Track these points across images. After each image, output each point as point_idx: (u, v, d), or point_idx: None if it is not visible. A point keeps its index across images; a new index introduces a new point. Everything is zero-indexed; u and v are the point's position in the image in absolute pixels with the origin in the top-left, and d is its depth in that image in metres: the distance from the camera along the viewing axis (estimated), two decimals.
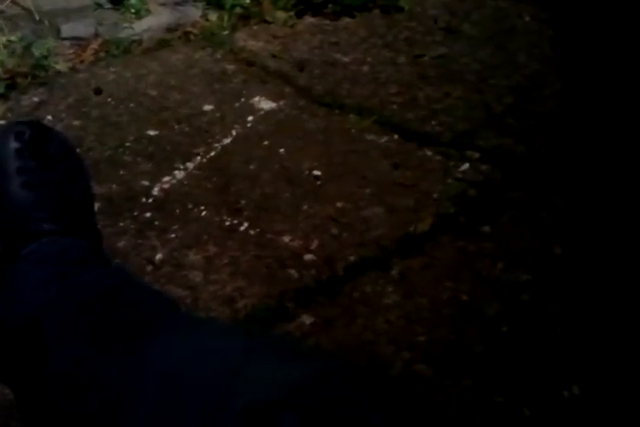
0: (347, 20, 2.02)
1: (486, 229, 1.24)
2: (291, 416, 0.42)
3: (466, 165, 1.41)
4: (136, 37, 1.92)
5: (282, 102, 1.66)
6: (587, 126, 1.50)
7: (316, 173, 1.42)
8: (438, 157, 1.45)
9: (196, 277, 1.14)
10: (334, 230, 1.27)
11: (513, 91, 1.65)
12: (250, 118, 1.60)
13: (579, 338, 1.04)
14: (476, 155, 1.44)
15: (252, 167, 1.43)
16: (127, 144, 1.50)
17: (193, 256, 1.18)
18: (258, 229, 1.25)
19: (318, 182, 1.40)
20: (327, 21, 2.02)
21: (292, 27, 1.99)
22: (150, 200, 1.32)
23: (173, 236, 1.23)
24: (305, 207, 1.32)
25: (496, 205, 1.29)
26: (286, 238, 1.24)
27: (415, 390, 0.40)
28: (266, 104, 1.66)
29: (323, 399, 0.43)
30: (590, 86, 1.63)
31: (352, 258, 1.20)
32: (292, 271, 1.17)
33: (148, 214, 1.29)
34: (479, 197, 1.32)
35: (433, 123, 1.56)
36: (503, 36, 1.90)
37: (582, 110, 1.55)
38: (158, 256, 1.18)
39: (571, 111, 1.53)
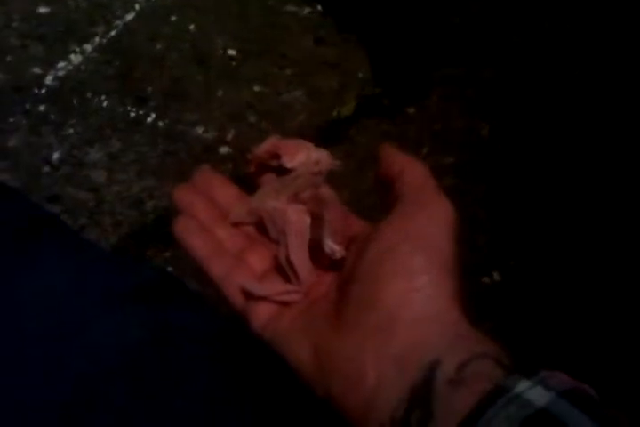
0: None
1: (411, 110, 1.16)
2: (121, 386, 0.40)
3: None
4: None
5: None
6: None
7: (231, 52, 1.29)
8: None
9: (100, 177, 1.05)
10: (252, 118, 1.17)
11: None
12: None
13: (499, 221, 1.03)
14: None
15: (158, 47, 1.28)
16: (14, 25, 1.31)
17: (95, 154, 1.08)
18: (167, 120, 1.15)
19: (233, 63, 1.27)
20: None
21: None
22: (43, 91, 1.18)
23: (72, 131, 1.12)
24: (219, 93, 1.21)
25: (423, 84, 1.20)
26: (199, 129, 1.14)
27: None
28: None
29: (157, 365, 0.42)
30: None
31: None
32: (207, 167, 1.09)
33: (42, 107, 1.15)
34: (406, 76, 1.22)
35: None
36: None
37: None
38: (55, 155, 1.08)
39: None
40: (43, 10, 1.35)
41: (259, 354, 0.40)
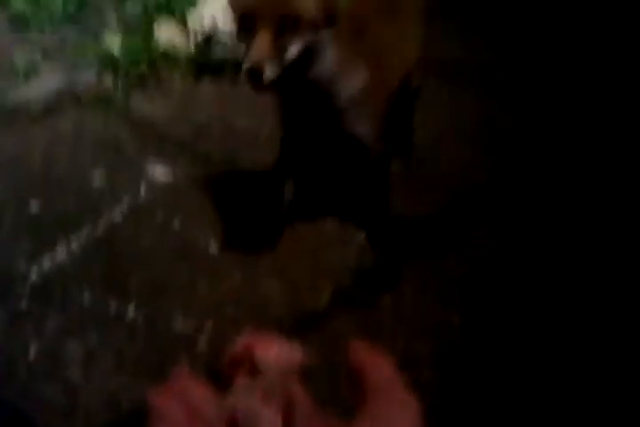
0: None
1: (386, 301, 1.21)
2: None
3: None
4: (22, 102, 1.82)
5: (178, 171, 1.60)
6: None
7: (213, 247, 1.36)
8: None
9: (75, 373, 1.03)
10: (230, 310, 1.20)
11: None
12: (143, 189, 1.53)
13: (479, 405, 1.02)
14: None
15: (143, 244, 1.35)
16: (6, 218, 1.39)
17: (72, 349, 1.08)
18: (147, 315, 1.16)
19: (215, 256, 1.34)
20: (226, 86, 1.98)
21: (189, 91, 1.95)
22: (27, 282, 1.22)
23: (51, 325, 1.13)
24: (199, 286, 1.25)
25: (396, 276, 1.27)
26: (178, 323, 1.16)
27: None
28: (161, 173, 1.59)
29: None
30: None
31: None
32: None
33: (24, 300, 1.18)
34: (379, 266, 1.30)
35: None
36: None
37: None
38: (32, 349, 1.07)
39: None
40: (34, 206, 1.44)
41: None
